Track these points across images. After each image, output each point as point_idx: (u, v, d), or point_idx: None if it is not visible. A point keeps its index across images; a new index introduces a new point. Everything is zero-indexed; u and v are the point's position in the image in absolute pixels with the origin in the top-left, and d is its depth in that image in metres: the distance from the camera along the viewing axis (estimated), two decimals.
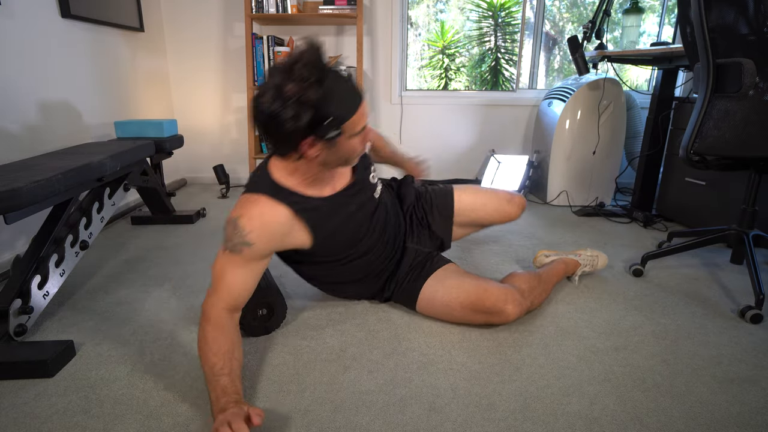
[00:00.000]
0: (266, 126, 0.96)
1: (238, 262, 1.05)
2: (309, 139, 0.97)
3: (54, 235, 1.37)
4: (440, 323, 1.30)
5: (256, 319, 1.22)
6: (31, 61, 1.85)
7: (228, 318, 1.04)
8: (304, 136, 0.96)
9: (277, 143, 1.00)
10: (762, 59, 1.24)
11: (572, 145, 2.49)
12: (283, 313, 1.26)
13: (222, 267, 1.05)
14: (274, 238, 1.08)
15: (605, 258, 1.61)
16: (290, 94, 0.90)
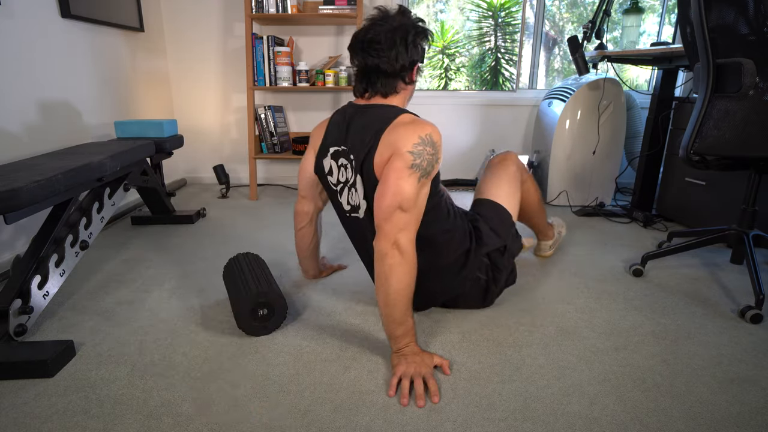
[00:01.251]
0: (398, 53, 1.12)
1: (426, 183, 1.09)
2: (417, 66, 1.19)
3: (54, 235, 1.37)
4: (440, 323, 1.30)
5: (256, 319, 1.22)
6: (31, 61, 1.85)
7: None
8: (421, 61, 1.19)
9: (402, 70, 1.15)
10: (762, 59, 1.24)
11: (572, 145, 2.49)
12: (283, 313, 1.26)
13: (417, 191, 1.07)
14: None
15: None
16: (419, 29, 1.16)
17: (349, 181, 1.21)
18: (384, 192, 1.07)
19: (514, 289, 1.52)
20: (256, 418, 0.94)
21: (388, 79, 1.15)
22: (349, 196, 1.23)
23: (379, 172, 1.12)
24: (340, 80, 2.80)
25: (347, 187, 1.22)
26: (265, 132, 2.87)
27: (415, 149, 1.07)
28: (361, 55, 1.15)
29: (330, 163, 1.24)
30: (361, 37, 1.13)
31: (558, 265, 1.73)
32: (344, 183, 1.23)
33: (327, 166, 1.25)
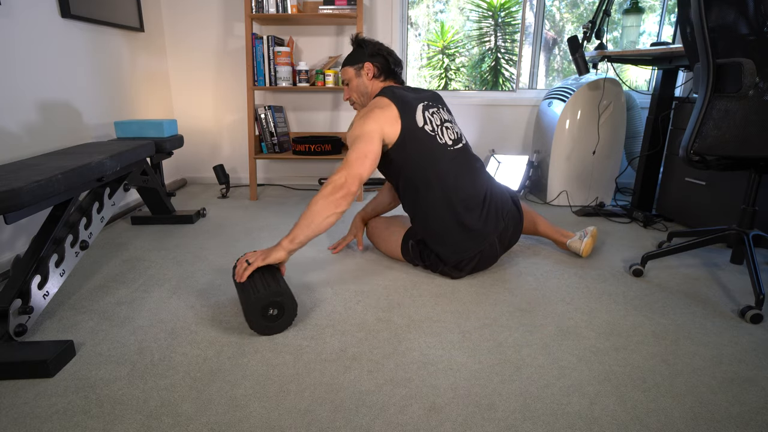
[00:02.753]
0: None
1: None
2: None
3: (54, 235, 1.37)
4: (440, 323, 1.30)
5: (266, 318, 1.23)
6: (31, 61, 1.85)
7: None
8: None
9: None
10: (762, 59, 1.24)
11: (572, 145, 2.49)
12: (293, 312, 1.26)
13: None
14: None
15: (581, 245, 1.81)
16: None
17: (444, 121, 1.61)
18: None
19: (515, 289, 1.52)
20: (256, 418, 0.94)
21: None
22: (449, 133, 1.59)
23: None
24: (340, 80, 2.80)
25: (444, 128, 1.59)
26: (265, 132, 2.87)
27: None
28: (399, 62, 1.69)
29: (422, 116, 1.54)
30: (391, 51, 1.67)
31: (558, 265, 1.73)
32: (440, 124, 1.59)
33: (420, 121, 1.53)
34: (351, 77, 1.66)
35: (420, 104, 1.56)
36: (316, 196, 1.37)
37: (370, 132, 1.47)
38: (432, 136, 1.54)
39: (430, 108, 1.59)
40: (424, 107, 1.57)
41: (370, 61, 1.62)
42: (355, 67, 1.64)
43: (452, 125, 1.64)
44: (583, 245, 1.78)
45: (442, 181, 1.52)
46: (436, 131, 1.55)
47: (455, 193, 1.53)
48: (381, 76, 1.64)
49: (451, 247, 1.54)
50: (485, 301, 1.44)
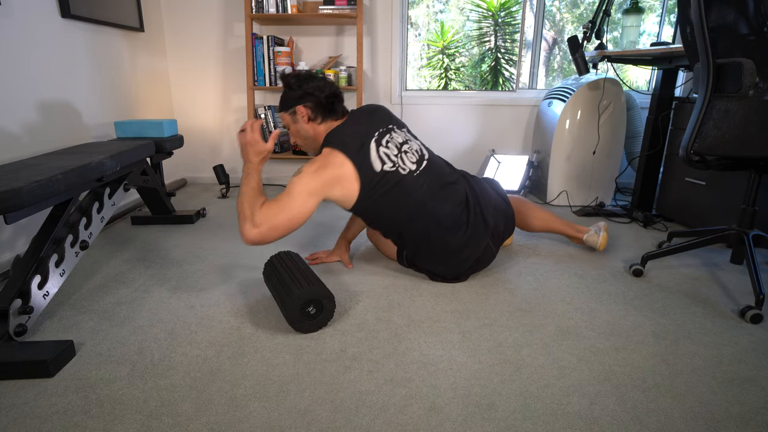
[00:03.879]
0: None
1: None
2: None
3: (54, 235, 1.37)
4: (440, 323, 1.30)
5: (306, 316, 1.25)
6: (31, 61, 1.85)
7: None
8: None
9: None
10: (762, 59, 1.24)
11: (572, 145, 2.49)
12: (332, 310, 1.28)
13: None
14: None
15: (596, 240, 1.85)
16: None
17: (401, 145, 1.50)
18: None
19: (515, 289, 1.52)
20: (256, 418, 0.94)
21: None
22: (409, 157, 1.49)
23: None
24: (340, 80, 2.80)
25: (402, 154, 1.48)
26: (265, 132, 2.87)
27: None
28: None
29: (377, 156, 1.43)
30: (322, 85, 1.52)
31: (558, 265, 1.73)
32: (398, 152, 1.48)
33: (377, 164, 1.42)
34: (288, 123, 1.53)
35: (372, 140, 1.44)
36: (240, 210, 1.34)
37: (314, 191, 1.36)
38: (394, 172, 1.43)
39: (383, 137, 1.47)
40: (377, 141, 1.45)
41: (302, 104, 1.47)
42: (288, 113, 1.50)
43: (410, 143, 1.53)
44: (600, 239, 1.82)
45: (419, 214, 1.45)
46: (397, 163, 1.45)
47: (436, 218, 1.46)
48: (318, 118, 1.49)
49: (446, 267, 1.53)
50: (485, 301, 1.44)
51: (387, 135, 1.48)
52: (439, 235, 1.47)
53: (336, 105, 1.51)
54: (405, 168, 1.45)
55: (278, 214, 1.32)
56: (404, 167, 1.45)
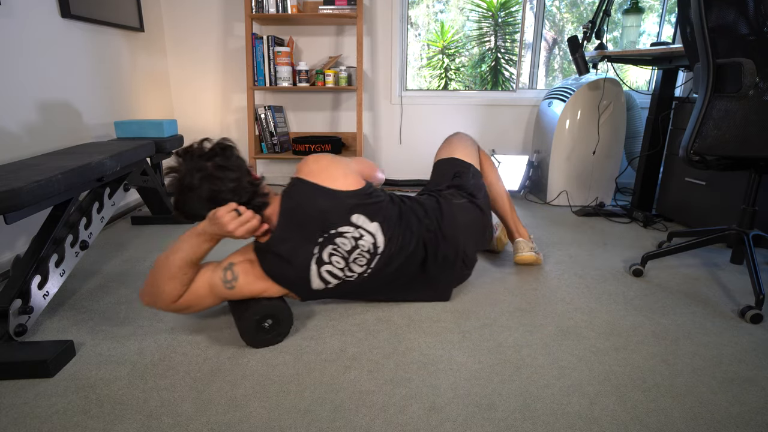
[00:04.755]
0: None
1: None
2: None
3: (54, 235, 1.37)
4: (440, 323, 1.30)
5: (262, 331, 1.18)
6: (31, 61, 1.85)
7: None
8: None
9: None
10: (762, 59, 1.24)
11: (572, 145, 2.49)
12: (289, 323, 1.21)
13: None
14: None
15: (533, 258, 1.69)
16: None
17: (352, 249, 1.23)
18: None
19: (515, 289, 1.52)
20: (256, 418, 0.94)
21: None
22: (360, 257, 1.24)
23: (341, 179, 1.24)
24: (340, 80, 2.80)
25: (353, 257, 1.24)
26: (265, 132, 2.87)
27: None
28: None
29: (318, 278, 1.22)
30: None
31: (558, 265, 1.73)
32: (345, 264, 1.24)
33: (317, 282, 1.23)
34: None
35: (312, 259, 1.20)
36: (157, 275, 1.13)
37: (240, 294, 1.20)
38: (340, 284, 1.26)
39: (327, 246, 1.20)
40: (318, 259, 1.20)
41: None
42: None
43: (360, 240, 1.23)
44: (524, 254, 1.66)
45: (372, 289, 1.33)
46: (344, 277, 1.25)
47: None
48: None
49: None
50: (485, 301, 1.44)
51: (331, 244, 1.20)
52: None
53: (258, 199, 1.18)
54: (352, 275, 1.27)
55: (193, 303, 1.17)
56: (351, 275, 1.26)
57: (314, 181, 1.22)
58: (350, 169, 1.29)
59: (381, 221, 1.25)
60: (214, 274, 1.17)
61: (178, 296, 1.14)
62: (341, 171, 1.25)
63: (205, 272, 1.18)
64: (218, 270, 1.18)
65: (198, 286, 1.16)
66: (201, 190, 1.09)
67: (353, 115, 3.06)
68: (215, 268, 1.18)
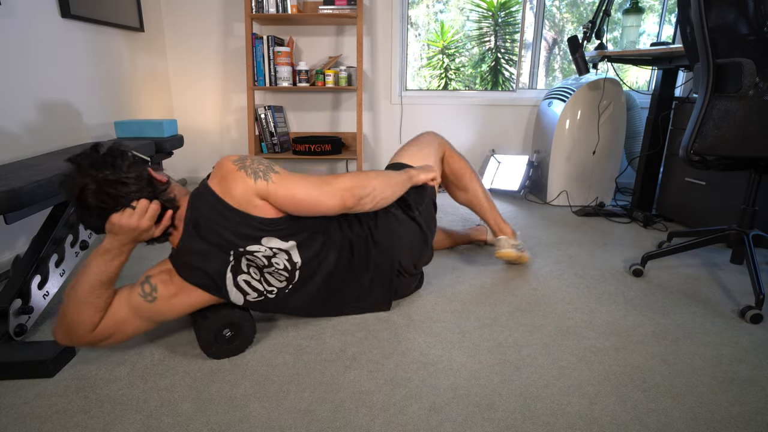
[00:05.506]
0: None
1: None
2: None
3: (54, 235, 1.37)
4: (440, 323, 1.30)
5: (222, 341, 1.13)
6: (31, 61, 1.85)
7: None
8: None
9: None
10: (762, 59, 1.24)
11: (572, 145, 2.49)
12: (252, 330, 1.17)
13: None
14: None
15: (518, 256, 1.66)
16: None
17: (265, 266, 1.13)
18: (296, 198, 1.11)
19: (515, 289, 1.52)
20: (256, 418, 0.94)
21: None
22: (277, 273, 1.16)
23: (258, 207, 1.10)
24: (340, 80, 2.80)
25: (268, 271, 1.15)
26: (265, 132, 2.87)
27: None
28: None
29: (233, 283, 1.13)
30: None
31: (558, 265, 1.73)
32: (261, 274, 1.15)
33: (234, 292, 1.13)
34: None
35: (228, 267, 1.11)
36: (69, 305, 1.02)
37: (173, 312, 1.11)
38: (262, 300, 1.18)
39: (242, 258, 1.11)
40: (234, 267, 1.12)
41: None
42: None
43: (274, 258, 1.14)
44: (504, 250, 1.62)
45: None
46: (264, 287, 1.17)
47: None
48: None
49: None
50: (485, 301, 1.44)
51: (242, 258, 1.12)
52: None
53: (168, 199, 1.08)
54: (272, 290, 1.18)
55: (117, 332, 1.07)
56: (271, 289, 1.18)
57: (221, 195, 1.08)
58: (261, 194, 1.10)
59: (298, 241, 1.16)
60: (131, 292, 1.08)
61: (94, 324, 1.03)
62: (246, 197, 1.08)
63: (122, 293, 1.08)
64: (135, 287, 1.08)
65: (116, 309, 1.06)
66: (94, 207, 0.98)
67: (353, 115, 3.06)
68: (132, 287, 1.09)
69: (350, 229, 1.27)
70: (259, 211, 1.09)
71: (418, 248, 1.37)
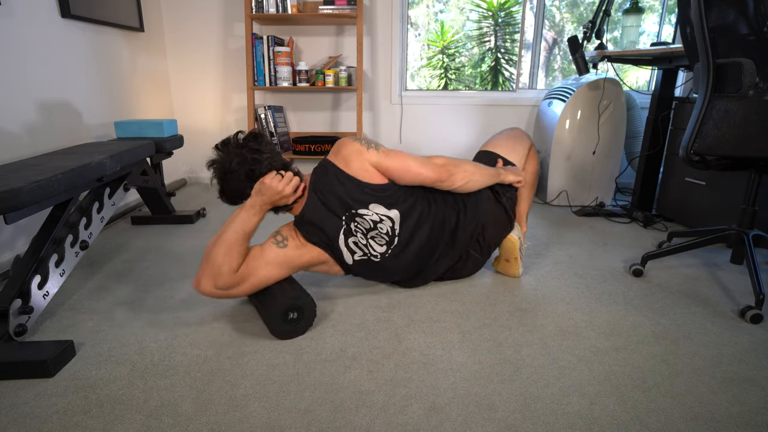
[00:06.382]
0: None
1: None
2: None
3: (54, 235, 1.37)
4: (440, 323, 1.30)
5: (287, 322, 1.22)
6: (31, 61, 1.85)
7: None
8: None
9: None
10: (762, 59, 1.24)
11: (572, 145, 2.49)
12: (312, 315, 1.26)
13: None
14: None
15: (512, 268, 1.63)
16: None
17: (369, 229, 1.35)
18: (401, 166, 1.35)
19: (515, 289, 1.52)
20: (256, 418, 0.94)
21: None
22: (378, 237, 1.36)
23: (370, 175, 1.35)
24: (340, 80, 2.80)
25: (370, 240, 1.36)
26: (265, 132, 2.87)
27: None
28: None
29: (345, 244, 1.34)
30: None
31: (558, 265, 1.73)
32: (366, 243, 1.36)
33: (346, 252, 1.35)
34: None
35: (341, 230, 1.33)
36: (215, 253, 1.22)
37: (294, 266, 1.33)
38: (366, 260, 1.38)
39: (352, 221, 1.33)
40: (346, 230, 1.34)
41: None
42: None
43: (379, 224, 1.35)
44: (512, 235, 1.60)
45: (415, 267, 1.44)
46: (369, 251, 1.37)
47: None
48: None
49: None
50: (485, 301, 1.44)
51: (354, 220, 1.33)
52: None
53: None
54: (376, 255, 1.38)
55: (245, 281, 1.25)
56: (375, 253, 1.38)
57: (340, 166, 1.33)
58: (373, 161, 1.33)
59: (401, 210, 1.37)
60: (264, 244, 1.29)
61: (237, 267, 1.22)
62: (361, 164, 1.33)
63: (255, 247, 1.29)
64: (268, 240, 1.31)
65: (252, 257, 1.26)
66: (240, 172, 1.24)
67: (353, 115, 3.06)
68: (263, 244, 1.30)
69: (444, 202, 1.45)
70: (369, 177, 1.33)
71: (500, 228, 1.52)
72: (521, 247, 1.60)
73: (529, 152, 1.68)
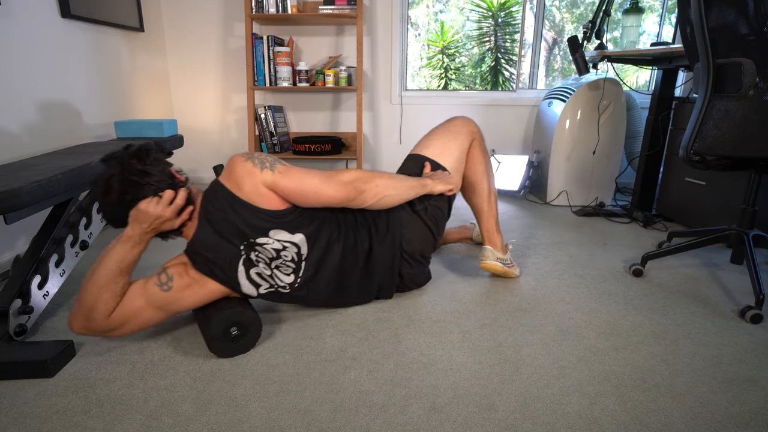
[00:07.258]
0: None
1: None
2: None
3: (54, 235, 1.37)
4: (440, 323, 1.30)
5: (229, 340, 1.13)
6: (31, 61, 1.85)
7: None
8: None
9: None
10: (762, 59, 1.24)
11: (572, 145, 2.49)
12: (257, 331, 1.17)
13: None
14: None
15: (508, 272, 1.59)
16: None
17: (273, 258, 1.17)
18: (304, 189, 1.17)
19: (515, 289, 1.52)
20: (256, 418, 0.94)
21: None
22: (284, 266, 1.20)
23: (267, 200, 1.15)
24: (340, 80, 2.80)
25: (276, 264, 1.19)
26: (265, 132, 2.87)
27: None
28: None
29: (246, 276, 1.17)
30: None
31: (558, 265, 1.73)
32: (270, 273, 1.19)
33: (246, 284, 1.18)
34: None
35: (239, 260, 1.15)
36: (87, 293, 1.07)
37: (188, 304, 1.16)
38: (274, 292, 1.22)
39: (251, 250, 1.15)
40: (246, 260, 1.16)
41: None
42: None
43: (282, 252, 1.18)
44: (487, 262, 1.54)
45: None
46: (275, 281, 1.20)
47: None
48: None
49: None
50: (485, 301, 1.44)
51: (252, 251, 1.15)
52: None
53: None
54: (283, 285, 1.22)
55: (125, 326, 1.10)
56: (282, 284, 1.21)
57: (232, 189, 1.14)
58: (267, 183, 1.14)
59: (305, 233, 1.20)
60: (147, 282, 1.12)
61: (110, 310, 1.07)
62: (254, 187, 1.13)
63: (138, 284, 1.12)
64: (152, 278, 1.13)
65: (131, 297, 1.10)
66: (119, 195, 1.06)
67: (353, 115, 3.06)
68: (148, 279, 1.13)
69: (355, 221, 1.31)
70: (266, 202, 1.14)
71: (420, 240, 1.38)
72: (504, 261, 1.55)
73: (471, 148, 1.48)
